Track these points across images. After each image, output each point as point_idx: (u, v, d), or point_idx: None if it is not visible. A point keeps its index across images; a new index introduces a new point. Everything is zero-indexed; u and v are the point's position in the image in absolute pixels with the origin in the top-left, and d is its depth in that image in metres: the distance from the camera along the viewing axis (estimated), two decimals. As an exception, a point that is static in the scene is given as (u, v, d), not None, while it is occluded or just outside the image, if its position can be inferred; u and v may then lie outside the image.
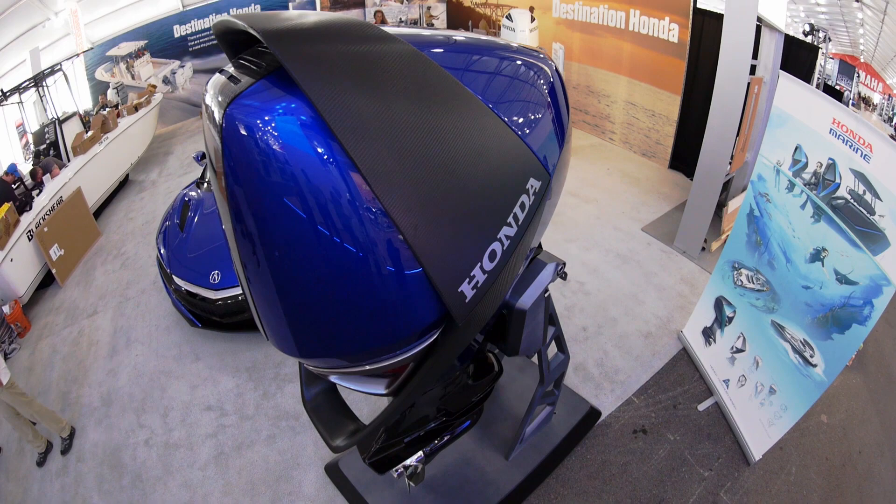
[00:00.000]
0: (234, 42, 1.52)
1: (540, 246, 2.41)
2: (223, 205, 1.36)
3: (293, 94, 1.20)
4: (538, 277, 2.20)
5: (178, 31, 11.72)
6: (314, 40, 1.23)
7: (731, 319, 4.10)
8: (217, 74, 1.42)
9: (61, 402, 4.88)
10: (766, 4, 4.69)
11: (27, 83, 8.88)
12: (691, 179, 6.35)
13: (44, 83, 9.11)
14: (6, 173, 7.09)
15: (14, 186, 6.67)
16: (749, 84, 4.96)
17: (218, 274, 4.87)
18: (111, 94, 10.89)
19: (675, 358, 4.65)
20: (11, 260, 6.01)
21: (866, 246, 2.67)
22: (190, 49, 11.94)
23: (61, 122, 8.30)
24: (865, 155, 2.62)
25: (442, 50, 1.55)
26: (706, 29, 6.73)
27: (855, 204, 2.74)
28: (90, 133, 8.30)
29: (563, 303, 5.32)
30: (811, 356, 3.17)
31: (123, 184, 9.32)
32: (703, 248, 5.86)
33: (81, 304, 6.27)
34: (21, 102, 9.02)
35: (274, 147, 1.18)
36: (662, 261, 5.86)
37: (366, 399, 4.30)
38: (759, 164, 3.63)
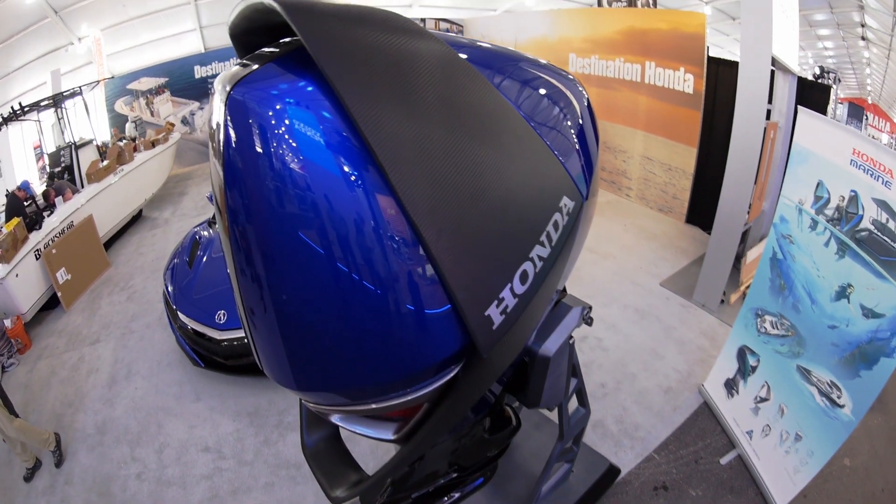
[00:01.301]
0: (252, 45, 1.35)
1: (564, 290, 2.39)
2: (221, 219, 1.18)
3: (311, 77, 1.09)
4: (563, 321, 2.05)
5: (199, 72, 12.27)
6: (347, 21, 1.10)
7: (754, 369, 4.07)
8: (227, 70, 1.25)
9: (55, 424, 4.89)
10: (778, 45, 4.92)
11: (46, 102, 9.26)
12: (708, 233, 6.46)
13: (63, 105, 9.51)
14: (19, 189, 7.38)
15: (26, 204, 6.91)
16: (765, 129, 5.14)
17: (224, 314, 4.90)
18: (129, 128, 11.32)
19: (696, 412, 4.60)
20: (17, 275, 6.16)
21: (892, 275, 2.71)
22: (210, 91, 12.40)
23: (78, 146, 8.63)
24: (887, 182, 2.71)
25: (477, 54, 1.52)
26: (721, 78, 7.05)
27: (878, 234, 2.80)
28: (106, 162, 8.63)
29: (581, 359, 5.31)
30: (838, 397, 3.14)
31: (137, 219, 9.60)
32: (723, 301, 5.90)
33: (84, 331, 6.34)
34: (39, 121, 9.39)
35: (290, 141, 1.05)
36: (681, 315, 5.90)
37: (372, 453, 4.25)
38: (781, 205, 3.72)
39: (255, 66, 1.12)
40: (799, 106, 3.55)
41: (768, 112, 5.41)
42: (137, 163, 9.32)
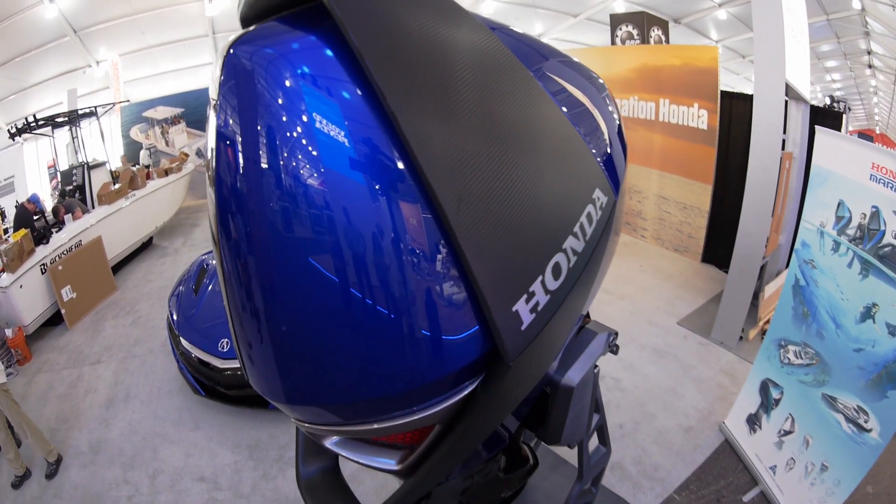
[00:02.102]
0: None
1: (588, 315, 2.27)
2: (213, 206, 0.97)
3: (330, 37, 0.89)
4: (588, 348, 1.86)
5: (217, 104, 12.63)
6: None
7: (777, 402, 4.00)
8: None
9: (48, 438, 4.83)
10: (791, 71, 5.02)
11: (61, 118, 9.50)
12: (725, 271, 6.45)
13: (78, 124, 9.77)
14: (28, 201, 7.58)
15: (35, 218, 7.08)
16: (780, 160, 5.21)
17: (227, 342, 4.89)
18: (143, 156, 11.62)
19: (717, 450, 4.51)
20: (21, 286, 6.26)
21: (917, 289, 2.68)
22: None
23: (90, 167, 8.86)
24: (907, 193, 2.71)
25: (511, 38, 1.43)
26: (734, 112, 7.18)
27: (901, 248, 2.79)
28: (118, 186, 8.82)
29: (599, 398, 5.29)
30: (865, 421, 3.09)
31: (146, 247, 9.75)
32: (741, 338, 5.88)
33: (86, 351, 6.38)
34: (53, 137, 9.66)
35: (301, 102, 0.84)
36: (700, 353, 5.87)
37: (376, 492, 4.16)
38: (802, 229, 3.74)
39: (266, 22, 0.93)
40: (816, 126, 3.60)
41: (783, 142, 5.48)
42: (149, 190, 9.51)
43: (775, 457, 3.91)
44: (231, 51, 0.87)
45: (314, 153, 0.83)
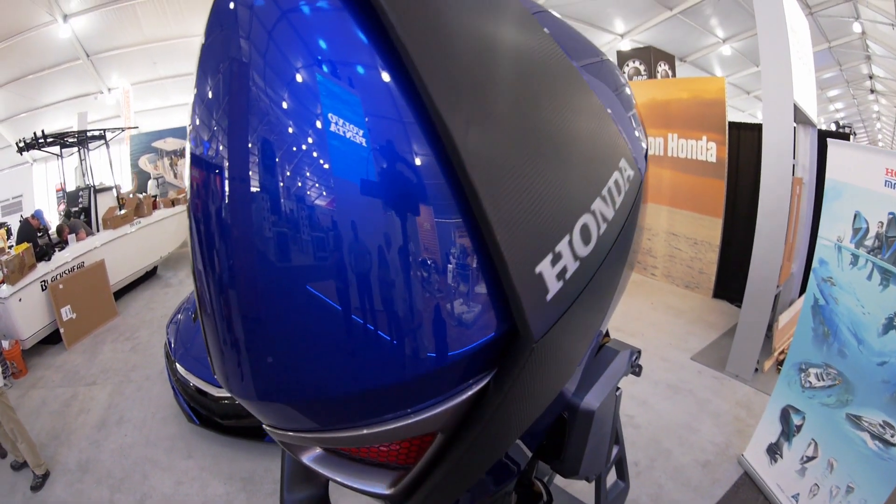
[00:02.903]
0: None
1: (607, 333, 2.11)
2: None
3: None
4: (609, 368, 1.65)
5: (226, 140, 12.96)
6: None
7: (799, 428, 3.89)
8: None
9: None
10: (798, 92, 5.10)
11: (70, 138, 9.67)
12: (736, 306, 6.41)
13: (87, 146, 9.96)
14: (32, 217, 7.66)
15: (38, 234, 7.18)
16: (791, 184, 5.23)
17: None
18: (151, 186, 11.79)
19: (736, 484, 4.37)
20: (20, 300, 6.32)
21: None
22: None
23: (97, 191, 9.02)
24: (923, 195, 2.69)
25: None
26: (742, 142, 7.27)
27: (919, 253, 2.75)
28: (123, 211, 8.94)
29: (613, 435, 5.17)
30: (892, 436, 3.01)
31: (151, 276, 9.80)
32: (757, 370, 5.79)
33: (82, 371, 6.38)
34: (61, 157, 9.79)
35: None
36: (715, 387, 5.78)
37: None
38: (819, 247, 3.71)
39: None
40: (828, 138, 3.62)
41: (792, 168, 5.53)
42: (155, 218, 9.61)
43: (798, 485, 3.77)
44: None
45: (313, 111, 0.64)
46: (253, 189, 0.64)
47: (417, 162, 0.67)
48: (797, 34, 5.11)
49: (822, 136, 5.97)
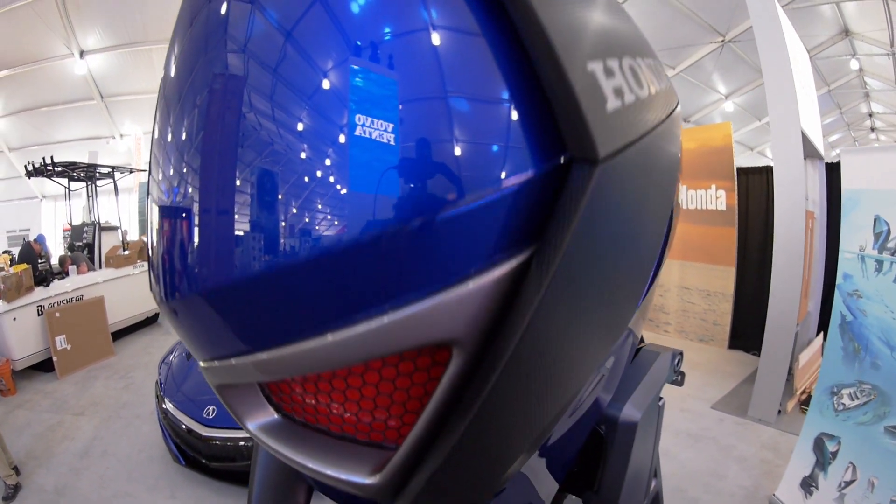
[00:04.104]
0: None
1: (642, 339, 1.92)
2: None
3: None
4: (650, 371, 1.26)
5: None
6: None
7: (835, 454, 3.73)
8: None
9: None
10: (805, 120, 5.20)
11: (79, 170, 9.78)
12: (753, 354, 6.41)
13: (95, 182, 10.11)
14: (35, 241, 7.70)
15: (40, 261, 7.21)
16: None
17: (214, 410, 4.72)
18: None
19: None
20: (14, 319, 6.36)
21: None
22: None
23: (102, 228, 9.14)
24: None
25: None
26: (751, 187, 7.36)
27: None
28: (127, 252, 9.02)
29: (636, 490, 5.02)
30: None
31: (151, 322, 9.79)
32: (780, 412, 5.66)
33: (72, 401, 6.30)
34: (68, 188, 9.89)
35: None
36: (738, 432, 5.61)
37: None
38: (842, 261, 3.69)
39: None
40: (842, 149, 3.66)
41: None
42: None
43: (838, 513, 3.51)
44: None
45: None
46: None
47: None
48: (799, 63, 5.31)
49: (830, 170, 6.08)
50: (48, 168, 9.18)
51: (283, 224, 0.38)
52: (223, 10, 0.42)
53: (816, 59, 13.38)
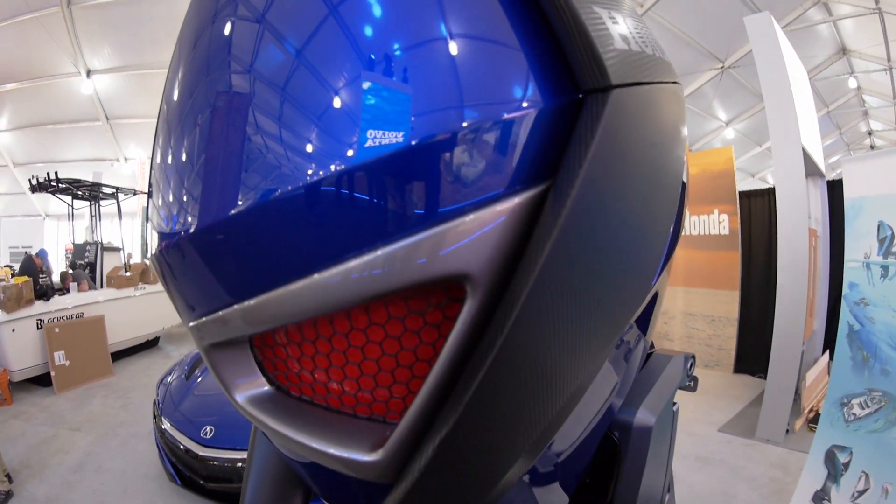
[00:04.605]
0: None
1: (653, 345, 1.92)
2: None
3: None
4: (663, 374, 1.20)
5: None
6: None
7: (847, 465, 3.69)
8: None
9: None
10: (805, 137, 5.28)
11: (83, 188, 9.82)
12: (759, 377, 6.46)
13: (98, 202, 10.16)
14: (36, 255, 7.77)
15: (40, 274, 7.25)
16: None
17: (212, 430, 4.66)
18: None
19: None
20: (13, 330, 6.40)
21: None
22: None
23: (104, 249, 9.17)
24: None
25: None
26: (753, 210, 7.45)
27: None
28: (129, 274, 9.05)
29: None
30: None
31: (152, 346, 9.78)
32: (788, 431, 5.65)
33: (68, 416, 6.26)
34: (72, 206, 9.93)
35: None
36: (747, 453, 5.58)
37: None
38: (847, 271, 3.72)
39: None
40: (843, 159, 3.73)
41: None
42: (160, 288, 9.54)
43: (852, 525, 3.45)
44: None
45: None
46: None
47: None
48: (798, 81, 5.43)
49: (832, 187, 6.16)
50: (52, 184, 9.25)
51: (279, 153, 0.36)
52: None
53: (815, 81, 13.66)
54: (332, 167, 0.34)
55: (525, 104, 0.37)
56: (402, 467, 0.40)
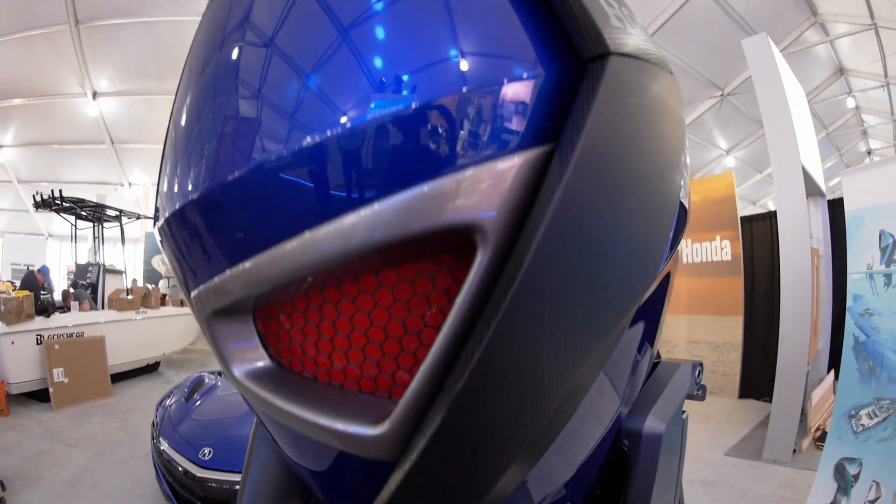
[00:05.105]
0: None
1: (659, 355, 1.85)
2: None
3: None
4: (671, 383, 1.16)
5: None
6: None
7: (857, 477, 3.69)
8: None
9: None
10: (805, 156, 5.37)
11: (87, 208, 9.86)
12: (765, 401, 6.43)
13: (102, 223, 10.22)
14: (38, 271, 7.83)
15: (42, 292, 7.31)
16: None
17: (210, 451, 4.60)
18: (162, 285, 11.93)
19: None
20: (13, 342, 6.43)
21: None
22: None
23: (107, 271, 9.22)
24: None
25: None
26: (755, 234, 7.52)
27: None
28: (131, 297, 9.06)
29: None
30: None
31: (152, 370, 9.78)
32: (795, 451, 5.63)
33: (66, 433, 6.20)
34: (75, 226, 10.00)
35: None
36: (754, 475, 5.55)
37: None
38: (851, 283, 3.77)
39: None
40: (842, 173, 3.81)
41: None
42: (162, 314, 9.72)
43: (864, 537, 3.42)
44: None
45: None
46: None
47: None
48: (797, 100, 5.56)
49: (833, 206, 6.24)
50: (56, 201, 9.33)
51: (284, 109, 0.37)
52: None
53: (813, 103, 13.76)
54: (348, 120, 0.35)
55: (531, 71, 0.38)
56: (407, 442, 0.37)
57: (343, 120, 0.35)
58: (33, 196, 9.47)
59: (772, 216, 7.32)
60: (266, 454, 0.70)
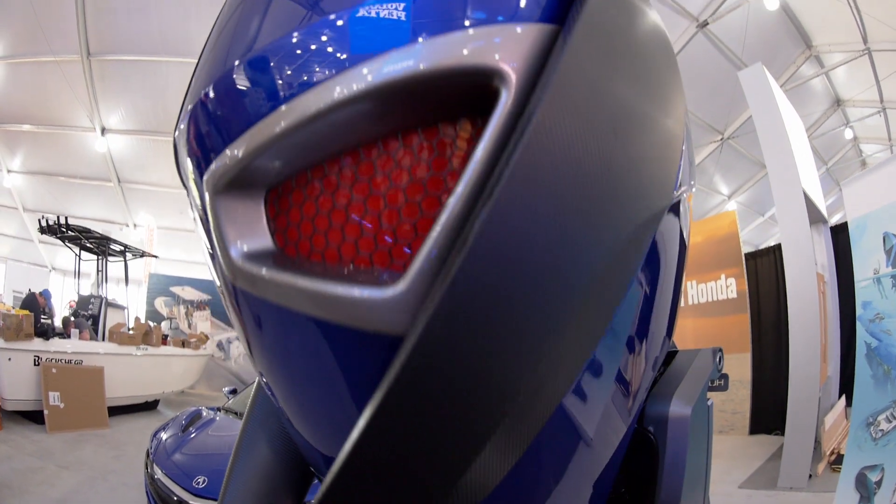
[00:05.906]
0: None
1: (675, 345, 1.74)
2: None
3: None
4: (692, 367, 1.08)
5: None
6: None
7: (879, 483, 3.66)
8: None
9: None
10: (805, 179, 5.53)
11: (92, 239, 9.89)
12: (777, 434, 6.40)
13: (106, 257, 10.25)
14: (40, 294, 7.85)
15: (43, 315, 7.32)
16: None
17: (205, 480, 4.60)
18: (164, 325, 11.82)
19: None
20: (9, 359, 6.46)
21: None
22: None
23: (109, 304, 9.23)
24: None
25: None
26: (759, 270, 7.62)
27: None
28: (132, 332, 9.05)
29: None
30: None
31: (151, 408, 9.73)
32: (811, 476, 5.55)
33: (58, 455, 6.13)
34: (79, 257, 10.05)
35: None
36: (770, 503, 5.50)
37: None
38: (859, 290, 3.84)
39: None
40: (843, 183, 3.92)
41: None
42: (162, 352, 9.69)
43: (889, 541, 3.35)
44: None
45: None
46: None
47: None
48: (794, 129, 5.76)
49: (835, 232, 6.34)
50: (62, 229, 9.38)
51: None
52: None
53: (812, 139, 13.75)
54: None
55: None
56: (420, 301, 0.33)
57: None
58: (38, 220, 9.53)
59: (775, 249, 7.45)
60: (257, 445, 0.65)
